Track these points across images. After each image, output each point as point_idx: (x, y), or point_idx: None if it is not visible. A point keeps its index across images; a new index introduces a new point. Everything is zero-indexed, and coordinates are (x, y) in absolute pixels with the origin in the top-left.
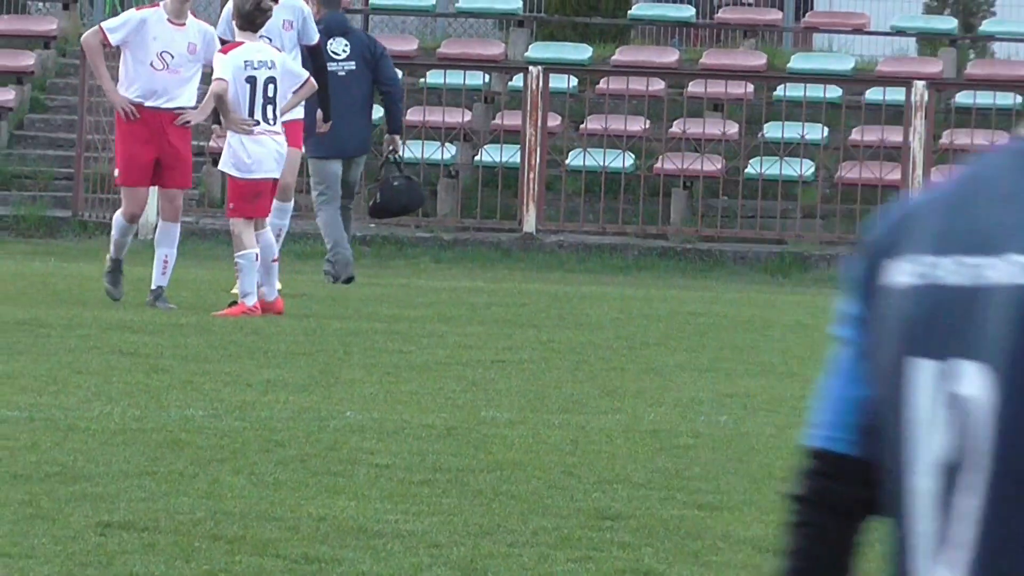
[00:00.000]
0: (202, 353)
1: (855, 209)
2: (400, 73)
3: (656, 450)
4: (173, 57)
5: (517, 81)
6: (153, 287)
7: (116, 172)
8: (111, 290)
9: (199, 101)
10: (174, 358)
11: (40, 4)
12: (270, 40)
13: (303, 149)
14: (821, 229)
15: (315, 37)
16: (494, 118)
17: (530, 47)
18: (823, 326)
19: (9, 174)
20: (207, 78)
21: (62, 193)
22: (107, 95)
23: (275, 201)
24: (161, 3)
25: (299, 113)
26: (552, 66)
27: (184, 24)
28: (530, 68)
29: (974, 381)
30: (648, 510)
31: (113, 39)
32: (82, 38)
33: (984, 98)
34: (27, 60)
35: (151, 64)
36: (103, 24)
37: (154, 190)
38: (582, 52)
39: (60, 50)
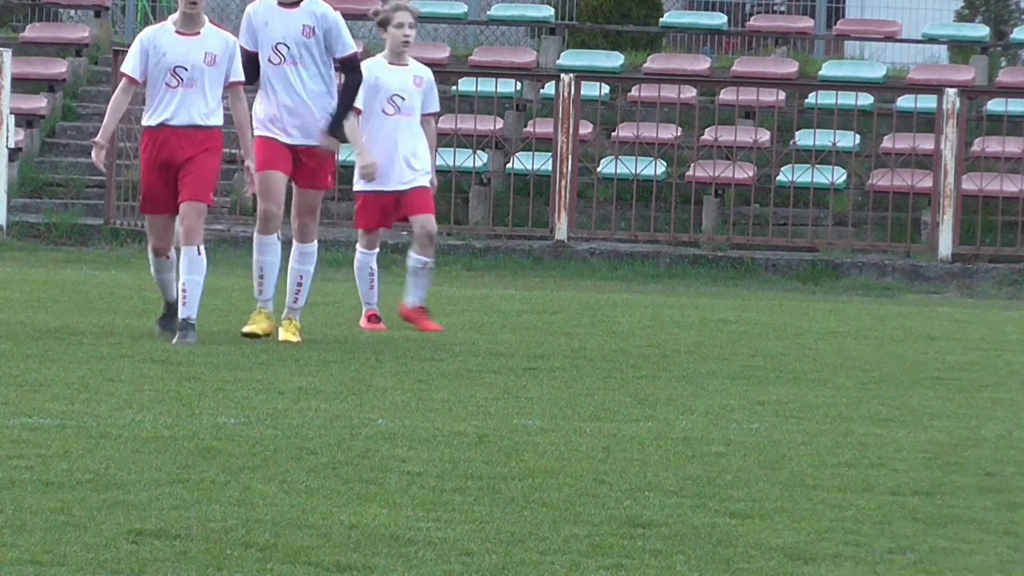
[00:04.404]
0: (234, 361)
1: (887, 217)
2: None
3: (688, 457)
4: (187, 70)
5: (549, 89)
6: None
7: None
8: (160, 333)
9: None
10: (206, 366)
11: (72, 12)
12: (288, 48)
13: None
14: (853, 237)
15: (349, 48)
16: (526, 126)
17: (562, 55)
18: (855, 334)
19: (41, 182)
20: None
21: (94, 201)
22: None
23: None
24: (170, 17)
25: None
26: (584, 74)
27: (198, 33)
28: (562, 76)
29: None
30: (680, 518)
31: (134, 74)
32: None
33: (1016, 106)
34: (59, 68)
35: (165, 83)
36: (122, 67)
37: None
38: (614, 60)
39: (92, 58)
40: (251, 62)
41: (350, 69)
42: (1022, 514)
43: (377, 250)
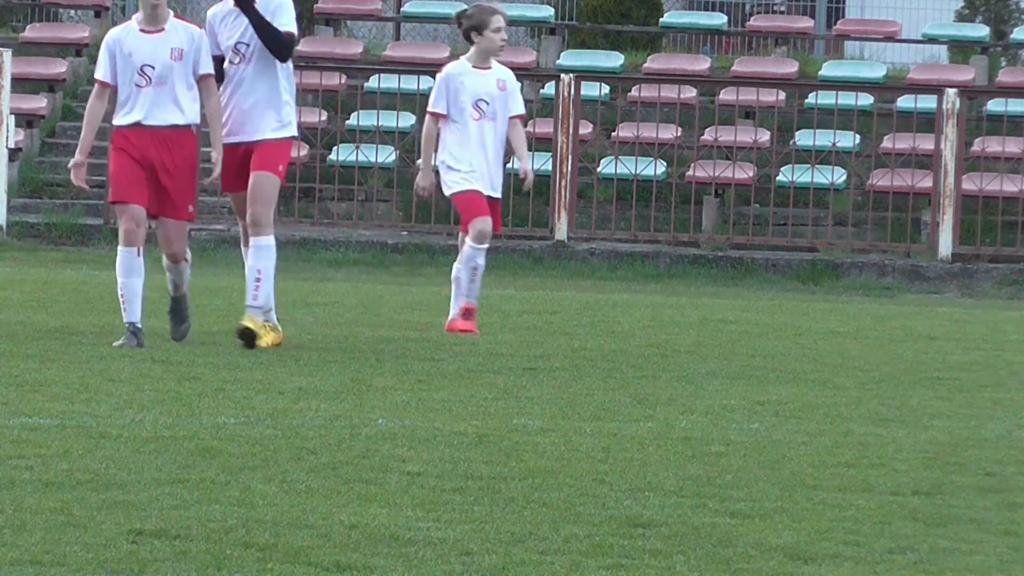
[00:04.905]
0: (234, 361)
1: (887, 217)
2: (432, 81)
3: (688, 457)
4: (155, 68)
5: (549, 89)
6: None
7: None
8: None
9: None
10: (206, 366)
11: (72, 12)
12: (247, 46)
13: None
14: (852, 237)
15: (286, 26)
16: (526, 126)
17: (562, 55)
18: (855, 334)
19: (41, 182)
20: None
21: (94, 201)
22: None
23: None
24: (134, 15)
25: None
26: (584, 74)
27: (163, 30)
28: (562, 76)
29: None
30: (680, 518)
31: (106, 78)
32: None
33: (1016, 106)
34: (59, 68)
35: (135, 84)
36: (94, 74)
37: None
38: (614, 60)
39: (92, 57)
40: (219, 65)
41: None
42: (1022, 514)
43: (487, 246)
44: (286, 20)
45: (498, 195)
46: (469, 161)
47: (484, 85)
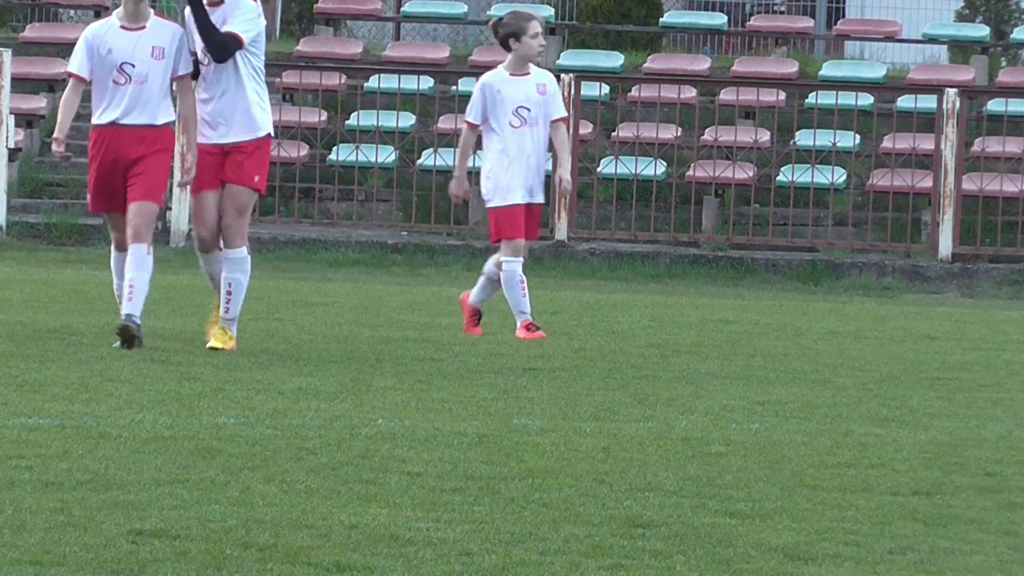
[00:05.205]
0: (233, 361)
1: (887, 217)
2: (432, 81)
3: (688, 458)
4: (135, 67)
5: None
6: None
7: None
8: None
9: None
10: (205, 366)
11: (72, 12)
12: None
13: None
14: (853, 237)
15: (236, 28)
16: None
17: (562, 55)
18: (855, 334)
19: (41, 182)
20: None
21: None
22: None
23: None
24: (115, 11)
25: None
26: (584, 74)
27: (144, 27)
28: (562, 76)
29: None
30: (680, 518)
31: (81, 72)
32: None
33: (1016, 106)
34: (59, 68)
35: (113, 80)
36: (68, 67)
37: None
38: (614, 60)
39: None
40: (195, 63)
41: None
42: (1022, 514)
43: (523, 258)
44: (237, 23)
45: (540, 200)
46: (509, 172)
47: (523, 91)
